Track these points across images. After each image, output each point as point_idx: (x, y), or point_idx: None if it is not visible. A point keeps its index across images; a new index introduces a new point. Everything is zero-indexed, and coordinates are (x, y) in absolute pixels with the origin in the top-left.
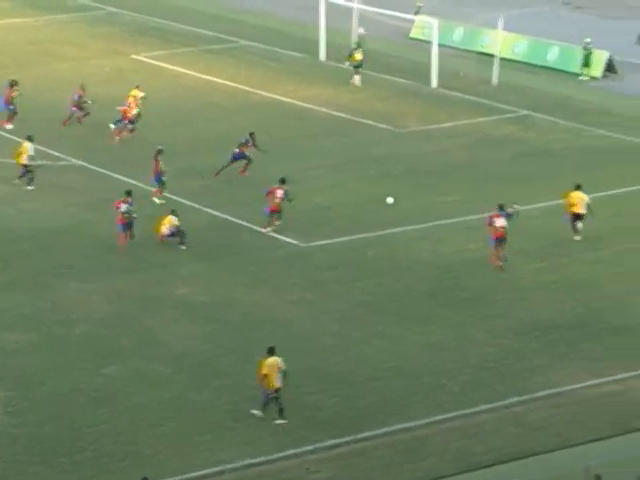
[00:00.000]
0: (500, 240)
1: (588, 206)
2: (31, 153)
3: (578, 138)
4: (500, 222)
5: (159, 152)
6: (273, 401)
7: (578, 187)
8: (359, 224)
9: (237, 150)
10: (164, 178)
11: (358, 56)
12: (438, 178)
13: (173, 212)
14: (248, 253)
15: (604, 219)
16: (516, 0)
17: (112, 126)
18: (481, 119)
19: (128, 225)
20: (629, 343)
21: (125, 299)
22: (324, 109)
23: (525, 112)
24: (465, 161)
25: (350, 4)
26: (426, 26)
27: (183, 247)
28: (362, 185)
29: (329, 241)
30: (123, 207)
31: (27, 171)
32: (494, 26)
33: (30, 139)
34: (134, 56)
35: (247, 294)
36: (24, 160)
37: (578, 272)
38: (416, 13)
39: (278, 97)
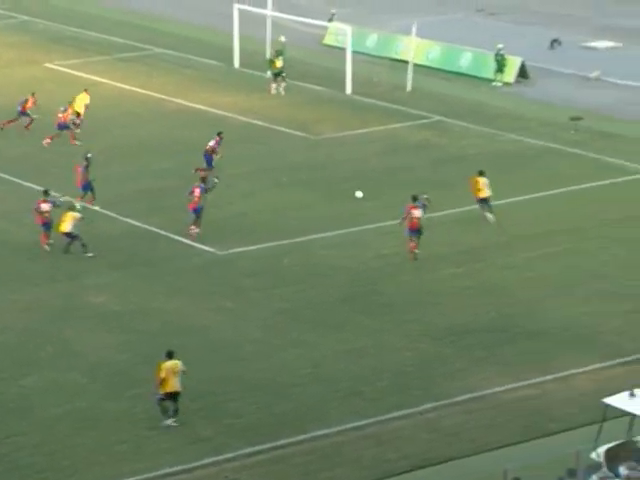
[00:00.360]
0: (417, 231)
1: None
2: None
3: (491, 143)
4: (417, 213)
5: (87, 160)
6: (162, 403)
7: (481, 173)
8: (276, 231)
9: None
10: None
11: (278, 63)
12: (353, 184)
13: (72, 209)
14: (165, 261)
15: (517, 224)
16: (429, 7)
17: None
18: (395, 125)
19: (48, 225)
20: (543, 347)
21: (42, 309)
22: (239, 117)
23: (439, 118)
24: (380, 167)
25: (264, 11)
26: (340, 33)
27: (90, 254)
28: (278, 192)
29: (246, 249)
30: (44, 207)
31: None
32: (408, 33)
33: None
34: (48, 65)
35: (165, 302)
36: None
37: (492, 277)
38: (330, 20)
39: (193, 105)
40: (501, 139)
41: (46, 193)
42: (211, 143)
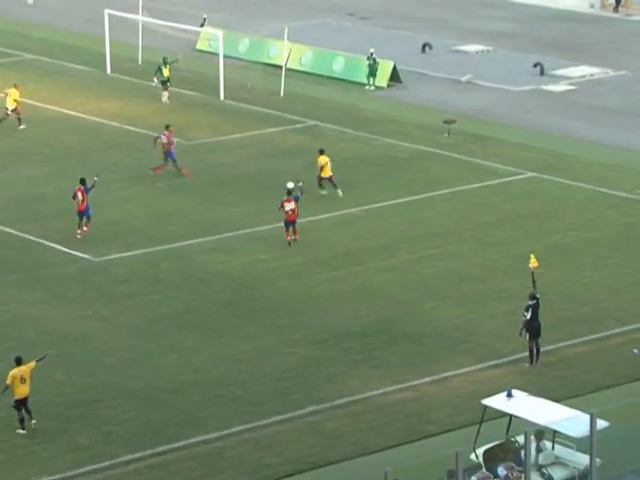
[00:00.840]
0: (291, 223)
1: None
2: None
3: (366, 147)
4: (289, 206)
5: None
6: (17, 410)
7: (322, 151)
8: (151, 237)
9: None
10: None
11: (166, 72)
12: (228, 189)
13: None
14: (40, 269)
15: (394, 227)
16: (301, 12)
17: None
18: (270, 130)
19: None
20: (422, 350)
21: None
22: (113, 122)
23: (313, 122)
24: (255, 172)
25: (135, 17)
26: (212, 38)
27: None
28: (153, 198)
29: (122, 255)
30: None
31: None
32: (280, 37)
33: None
34: None
35: (41, 310)
36: None
37: (371, 280)
38: (202, 25)
39: (66, 111)
40: (376, 143)
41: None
42: (164, 139)
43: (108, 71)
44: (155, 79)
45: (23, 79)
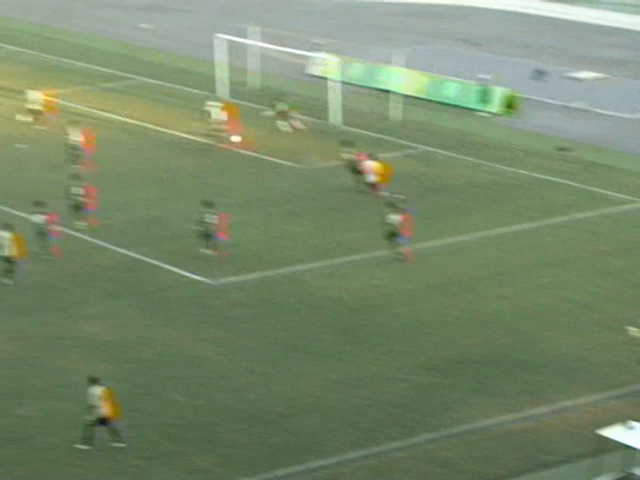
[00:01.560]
0: (399, 236)
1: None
2: None
3: (479, 173)
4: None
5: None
6: (89, 429)
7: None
8: (267, 261)
9: None
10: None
11: (282, 106)
12: (343, 214)
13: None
14: (158, 291)
15: (508, 255)
16: (415, 38)
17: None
18: (383, 155)
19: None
20: (538, 378)
21: (33, 339)
22: (228, 146)
23: (426, 148)
24: (368, 198)
25: (247, 41)
26: (325, 63)
27: (9, 282)
28: (269, 222)
29: (239, 278)
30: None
31: None
32: (393, 63)
33: None
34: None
35: (159, 332)
36: None
37: (485, 308)
38: (315, 50)
39: (180, 134)
40: (488, 169)
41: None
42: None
43: (219, 94)
44: (268, 111)
45: (136, 101)
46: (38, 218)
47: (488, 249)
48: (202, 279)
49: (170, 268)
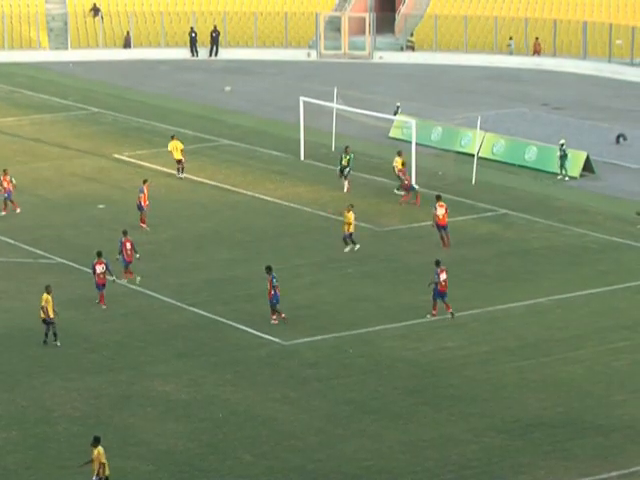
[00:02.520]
0: (442, 295)
1: None
2: None
3: (557, 237)
4: (443, 276)
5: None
6: None
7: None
8: (340, 322)
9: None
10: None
11: (344, 161)
12: (418, 276)
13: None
14: (231, 351)
15: (584, 318)
16: (495, 101)
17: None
18: (461, 218)
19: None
20: (611, 443)
21: (105, 397)
22: (306, 208)
23: (504, 211)
24: (445, 260)
25: (329, 104)
26: (405, 125)
27: (57, 343)
28: (342, 283)
29: (311, 339)
30: (99, 268)
31: None
32: (473, 126)
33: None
34: (116, 155)
35: (230, 392)
36: None
37: (558, 371)
38: (395, 113)
39: (259, 195)
40: (567, 232)
41: (99, 255)
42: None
43: (302, 157)
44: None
45: (218, 164)
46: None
47: (564, 312)
48: (275, 339)
49: (243, 328)
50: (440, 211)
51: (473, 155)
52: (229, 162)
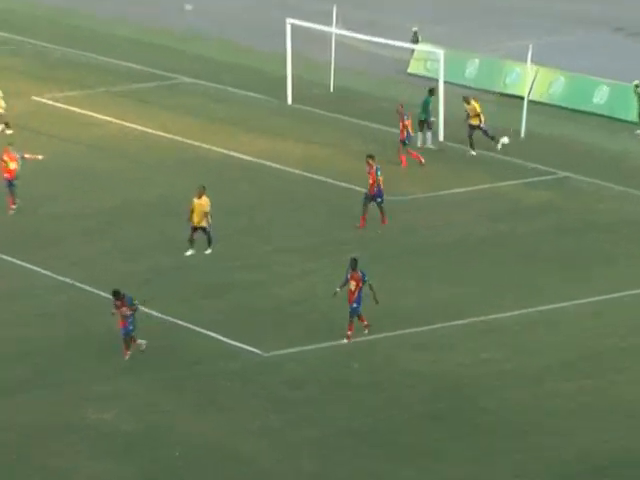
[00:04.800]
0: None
1: None
2: None
3: (636, 208)
4: (353, 284)
5: None
6: None
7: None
8: (339, 326)
9: None
10: None
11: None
12: (445, 261)
13: None
14: (191, 365)
15: None
16: (551, 25)
17: None
18: (505, 183)
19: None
20: None
21: (19, 428)
22: (295, 170)
23: (564, 173)
24: (484, 238)
25: (326, 29)
26: (429, 58)
27: None
28: (342, 272)
29: (299, 349)
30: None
31: None
32: (521, 58)
33: None
34: (36, 98)
35: (192, 420)
36: None
37: (627, 393)
38: (414, 41)
39: (230, 152)
40: None
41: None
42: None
43: (289, 100)
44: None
45: (177, 109)
46: None
47: None
48: (251, 349)
49: (208, 333)
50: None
51: (522, 98)
52: (190, 107)
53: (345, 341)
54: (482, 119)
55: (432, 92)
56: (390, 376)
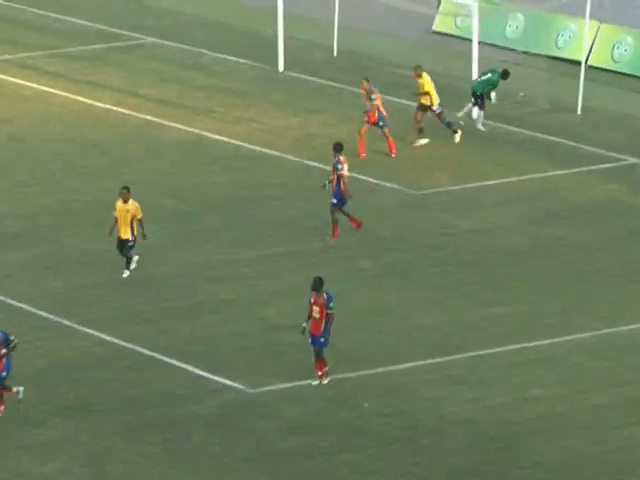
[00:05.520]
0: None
1: None
2: None
3: None
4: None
5: None
6: None
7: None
8: (345, 354)
9: None
10: None
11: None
12: (480, 273)
13: None
14: (157, 405)
15: None
16: None
17: None
18: (556, 172)
19: None
20: None
21: None
22: (287, 155)
23: (633, 160)
24: (528, 246)
25: None
26: (460, 12)
27: None
28: (351, 287)
29: (293, 384)
30: None
31: None
32: (578, 13)
33: None
34: None
35: (157, 476)
36: None
37: None
38: None
39: (205, 133)
40: None
41: None
42: None
43: (280, 67)
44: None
45: (138, 77)
46: None
47: None
48: (233, 384)
49: (179, 364)
50: (346, 169)
51: (579, 63)
52: (156, 74)
53: (315, 383)
54: (434, 99)
55: (506, 75)
56: (415, 419)
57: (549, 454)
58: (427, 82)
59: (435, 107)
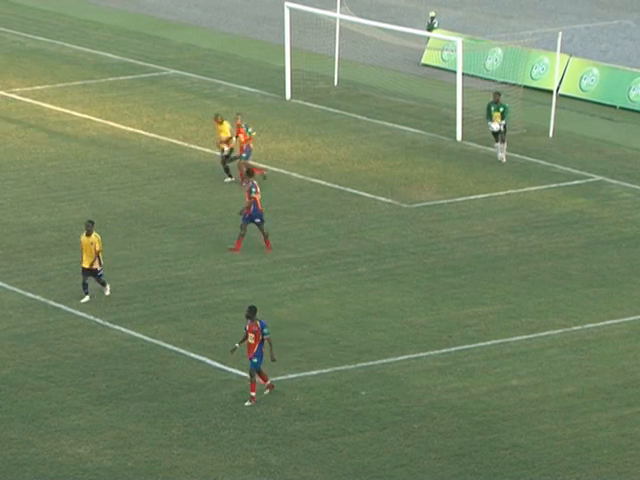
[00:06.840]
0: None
1: None
2: None
3: None
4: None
5: None
6: None
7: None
8: (346, 349)
9: None
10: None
11: (495, 116)
12: (466, 278)
13: None
14: (178, 393)
15: None
16: (583, 9)
17: None
18: (534, 188)
19: None
20: None
21: None
22: (293, 173)
23: (598, 177)
24: (508, 252)
25: (330, 14)
26: (446, 47)
27: None
28: (351, 289)
29: (301, 374)
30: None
31: None
32: (551, 48)
33: None
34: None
35: (178, 457)
36: None
37: None
38: (430, 28)
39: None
40: None
41: None
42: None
43: (287, 95)
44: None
45: (162, 104)
46: None
47: None
48: (246, 375)
49: (198, 357)
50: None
51: (551, 92)
52: (176, 103)
53: (248, 403)
54: (232, 145)
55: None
56: (406, 406)
57: (527, 436)
58: (227, 128)
59: (233, 155)
